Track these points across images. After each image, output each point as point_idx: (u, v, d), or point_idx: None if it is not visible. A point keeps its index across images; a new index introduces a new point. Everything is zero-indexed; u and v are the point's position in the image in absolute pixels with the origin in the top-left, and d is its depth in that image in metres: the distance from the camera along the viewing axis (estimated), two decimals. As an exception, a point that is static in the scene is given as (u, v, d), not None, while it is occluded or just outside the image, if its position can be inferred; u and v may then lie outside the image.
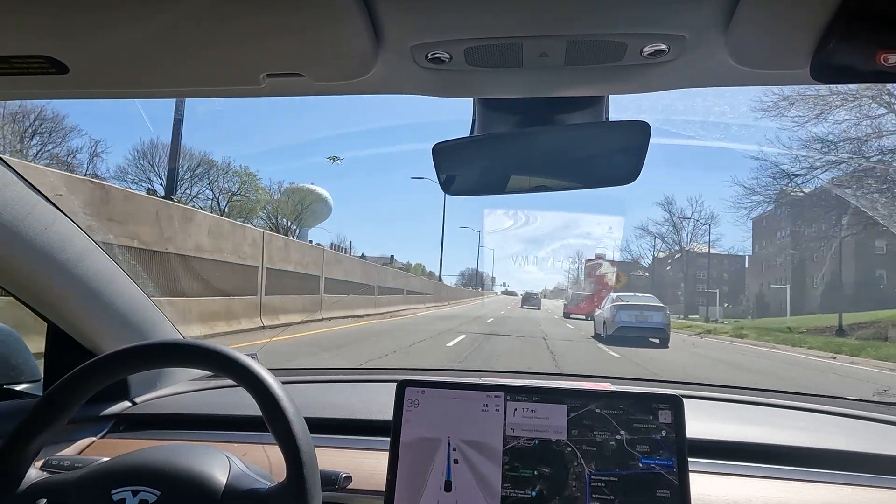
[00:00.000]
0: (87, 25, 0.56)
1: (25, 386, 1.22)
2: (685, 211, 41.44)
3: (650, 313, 12.88)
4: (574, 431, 0.84)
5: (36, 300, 1.10)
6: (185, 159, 29.94)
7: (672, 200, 46.15)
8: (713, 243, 41.36)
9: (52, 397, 0.74)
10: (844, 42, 0.54)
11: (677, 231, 41.94)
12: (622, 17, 0.56)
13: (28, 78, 0.67)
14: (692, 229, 40.86)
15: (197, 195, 31.40)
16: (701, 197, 69.67)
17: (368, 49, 0.60)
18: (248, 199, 33.42)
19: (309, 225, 47.92)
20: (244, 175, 33.44)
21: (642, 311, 12.87)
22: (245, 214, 32.63)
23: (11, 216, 0.94)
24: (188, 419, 1.23)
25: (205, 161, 30.97)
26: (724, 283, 44.72)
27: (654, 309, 13.13)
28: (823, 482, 0.96)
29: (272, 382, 0.72)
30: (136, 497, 0.71)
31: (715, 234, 48.55)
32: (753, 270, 44.02)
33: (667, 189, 51.00)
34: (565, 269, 58.79)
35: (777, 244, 39.05)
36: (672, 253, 44.94)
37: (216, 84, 0.70)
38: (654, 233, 44.02)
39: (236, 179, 33.04)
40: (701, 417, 1.09)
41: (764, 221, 42.18)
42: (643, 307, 13.07)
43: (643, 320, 12.67)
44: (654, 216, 58.47)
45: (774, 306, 37.32)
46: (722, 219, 75.16)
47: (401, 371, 1.47)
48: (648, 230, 45.11)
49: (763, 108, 17.39)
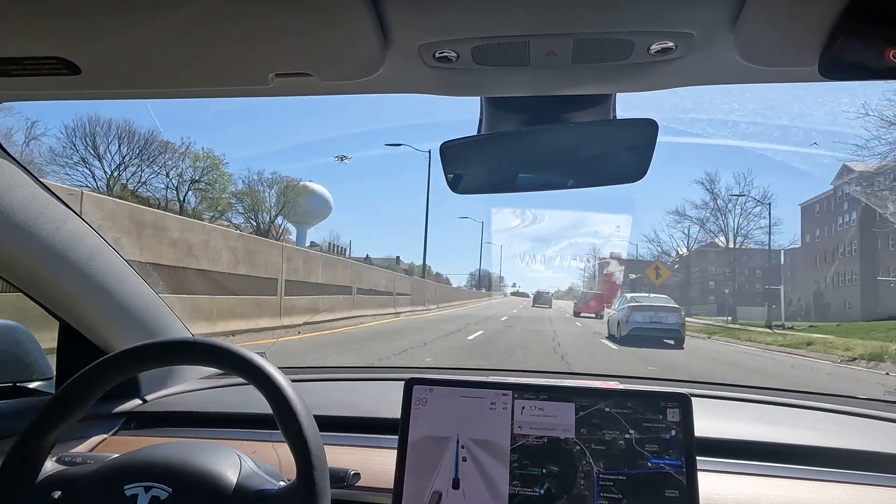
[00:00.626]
0: (99, 27, 0.57)
1: (38, 384, 1.23)
2: (727, 191, 34.19)
3: (665, 315, 12.67)
4: (583, 430, 0.84)
5: (48, 298, 1.11)
6: (134, 140, 26.41)
7: (715, 178, 38.21)
8: (746, 234, 34.15)
9: (67, 393, 0.75)
10: (853, 39, 0.53)
11: (723, 214, 34.27)
12: (630, 15, 0.56)
13: (41, 79, 0.68)
14: (741, 211, 33.77)
15: (147, 181, 27.35)
16: (750, 173, 51.54)
17: (376, 48, 0.60)
18: (213, 188, 29.23)
19: (306, 224, 45.16)
20: (206, 159, 28.69)
21: (657, 312, 12.66)
22: (214, 206, 29.53)
23: (25, 215, 0.95)
24: (198, 417, 1.24)
25: (160, 143, 27.09)
26: (756, 281, 39.26)
27: (668, 310, 12.93)
28: (833, 481, 0.95)
29: (282, 381, 0.72)
30: (149, 493, 0.72)
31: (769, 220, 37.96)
32: (806, 264, 38.72)
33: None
34: (580, 268, 55.43)
35: (837, 232, 33.88)
36: (710, 244, 37.71)
37: (226, 84, 0.71)
38: (693, 217, 36.05)
39: (200, 166, 28.51)
40: (709, 416, 1.08)
41: (817, 207, 37.07)
42: (658, 308, 12.86)
43: (658, 322, 12.46)
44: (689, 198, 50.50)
45: (837, 307, 33.27)
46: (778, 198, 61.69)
47: (409, 369, 1.48)
48: (685, 214, 36.72)
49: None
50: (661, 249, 38.14)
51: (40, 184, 0.99)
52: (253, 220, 32.04)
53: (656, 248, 38.74)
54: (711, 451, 1.00)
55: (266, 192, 32.86)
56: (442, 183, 0.90)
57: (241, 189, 31.25)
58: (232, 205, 31.48)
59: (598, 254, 47.99)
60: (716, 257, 39.73)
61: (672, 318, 12.69)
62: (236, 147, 55.66)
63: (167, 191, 28.16)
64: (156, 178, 27.81)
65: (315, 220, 46.52)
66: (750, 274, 39.87)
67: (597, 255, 48.46)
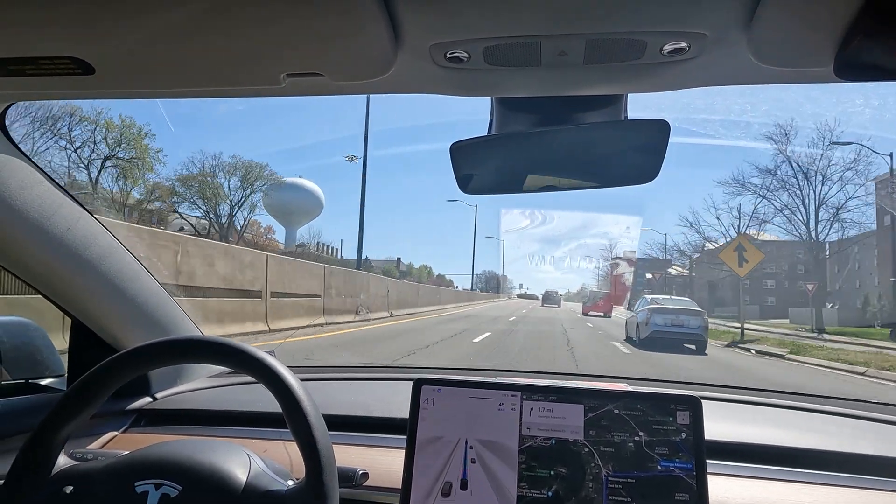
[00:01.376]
0: (113, 27, 0.58)
1: (50, 380, 1.25)
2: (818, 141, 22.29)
3: (686, 318, 11.92)
4: (591, 432, 0.84)
5: (61, 296, 1.12)
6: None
7: (791, 128, 24.73)
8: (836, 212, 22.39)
9: (79, 390, 0.76)
10: (870, 39, 0.53)
11: (805, 179, 22.46)
12: (643, 16, 0.55)
13: (55, 79, 0.68)
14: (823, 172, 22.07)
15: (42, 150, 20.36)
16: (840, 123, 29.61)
17: (388, 49, 0.60)
18: (132, 164, 23.69)
19: (294, 224, 41.80)
20: (125, 128, 23.05)
21: (678, 315, 11.92)
22: (147, 194, 24.77)
23: (38, 214, 0.97)
24: (208, 415, 1.25)
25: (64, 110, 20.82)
26: (798, 277, 30.45)
27: (690, 313, 12.17)
28: (844, 486, 0.94)
29: (292, 380, 0.73)
30: (159, 490, 0.72)
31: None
32: (883, 254, 27.72)
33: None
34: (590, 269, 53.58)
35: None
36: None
37: (238, 84, 0.71)
38: (755, 188, 24.17)
39: (118, 138, 22.70)
40: (719, 419, 1.07)
41: None
42: (679, 311, 12.13)
43: (679, 325, 11.75)
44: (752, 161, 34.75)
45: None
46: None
47: (417, 369, 1.48)
48: (745, 184, 24.51)
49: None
50: (704, 236, 28.73)
51: (53, 182, 1.00)
52: (208, 214, 27.45)
53: (695, 237, 29.44)
54: (721, 455, 0.99)
55: (226, 179, 27.41)
56: (450, 183, 0.90)
57: (190, 174, 26.41)
58: (175, 192, 26.62)
59: (613, 252, 45.74)
60: (781, 247, 30.62)
61: (694, 322, 11.88)
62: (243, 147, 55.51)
63: (68, 166, 22.36)
64: (62, 154, 21.96)
65: (304, 218, 43.21)
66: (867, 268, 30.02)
67: (612, 251, 45.32)
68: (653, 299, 13.71)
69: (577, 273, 74.35)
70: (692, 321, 11.93)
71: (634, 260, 39.10)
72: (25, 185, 0.94)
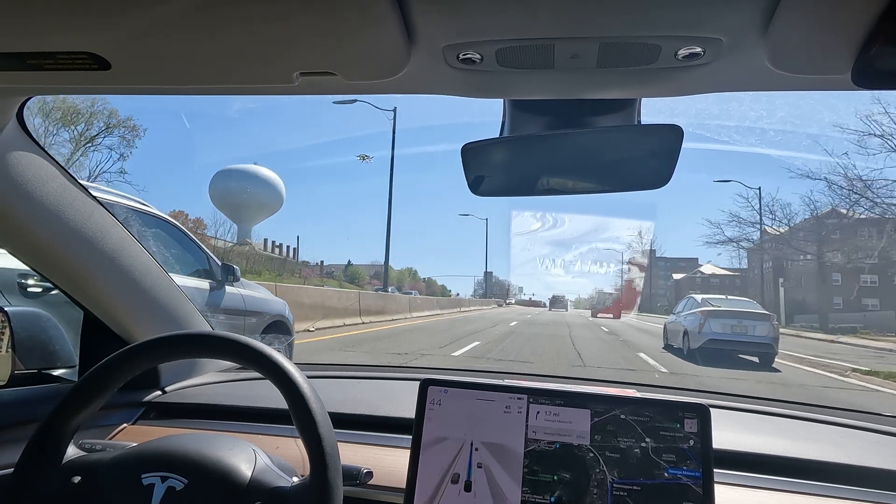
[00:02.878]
0: (130, 23, 0.58)
1: (62, 371, 1.26)
2: None
3: (752, 323, 9.59)
4: (597, 437, 0.83)
5: (74, 288, 1.14)
6: None
7: None
8: None
9: (89, 381, 0.77)
10: (889, 46, 0.52)
11: None
12: (657, 20, 0.55)
13: (72, 73, 0.69)
14: None
15: None
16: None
17: (401, 49, 0.60)
18: None
19: (248, 220, 34.68)
20: None
21: (741, 319, 9.65)
22: None
23: (55, 208, 0.98)
24: (216, 409, 1.26)
25: None
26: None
27: (756, 317, 9.78)
28: (853, 499, 0.93)
29: (299, 378, 0.73)
30: (165, 483, 0.73)
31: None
32: None
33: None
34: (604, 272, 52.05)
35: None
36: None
37: (252, 82, 0.71)
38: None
39: None
40: (727, 428, 1.06)
41: None
42: (742, 314, 9.80)
43: (742, 332, 9.53)
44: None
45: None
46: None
47: (424, 370, 1.48)
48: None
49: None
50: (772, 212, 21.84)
51: (69, 176, 1.01)
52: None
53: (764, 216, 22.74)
54: (729, 464, 0.98)
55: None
56: (455, 185, 0.89)
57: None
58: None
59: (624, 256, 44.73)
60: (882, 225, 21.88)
61: (761, 329, 9.51)
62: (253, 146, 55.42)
63: None
64: None
65: (258, 213, 35.58)
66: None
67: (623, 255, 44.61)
68: (704, 300, 11.10)
69: (588, 277, 73.82)
70: (759, 327, 9.60)
71: (645, 265, 38.47)
72: (43, 178, 0.96)
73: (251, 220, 36.15)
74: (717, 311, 9.97)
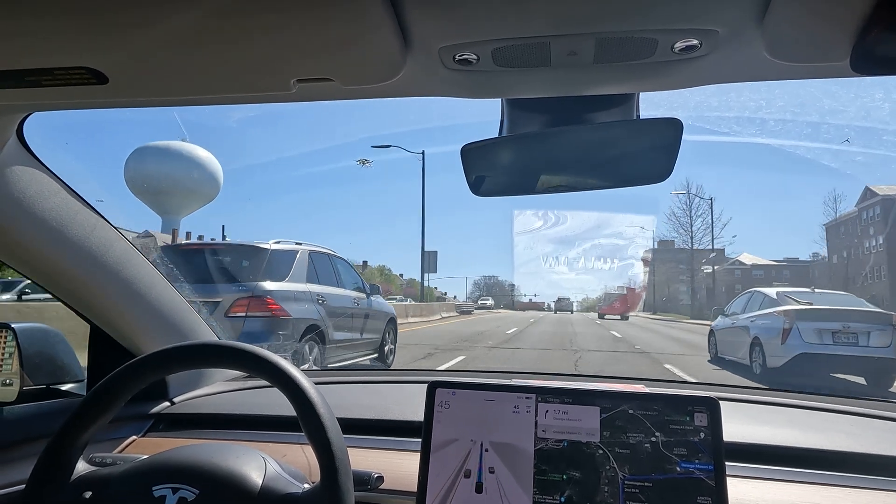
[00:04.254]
0: (126, 37, 0.58)
1: (70, 386, 1.26)
2: None
3: (864, 327, 6.59)
4: (606, 433, 0.83)
5: (79, 302, 1.14)
6: None
7: None
8: None
9: (98, 395, 0.77)
10: (887, 31, 0.51)
11: None
12: (653, 14, 0.55)
13: (70, 89, 0.69)
14: None
15: None
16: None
17: (397, 52, 0.60)
18: None
19: (174, 212, 27.51)
20: None
21: (846, 321, 6.64)
22: None
23: (57, 223, 0.98)
24: (225, 419, 1.26)
25: None
26: None
27: (870, 318, 6.78)
28: (867, 488, 0.92)
29: (306, 384, 0.73)
30: (176, 495, 0.73)
31: None
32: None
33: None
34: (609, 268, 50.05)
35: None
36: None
37: (249, 90, 0.71)
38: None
39: None
40: (737, 420, 1.06)
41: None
42: (850, 315, 6.79)
43: (850, 341, 6.58)
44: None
45: None
46: None
47: (431, 372, 1.48)
48: None
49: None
50: None
51: (71, 191, 1.02)
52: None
53: None
54: (739, 457, 0.98)
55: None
56: (454, 185, 0.90)
57: None
58: None
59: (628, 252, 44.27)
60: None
61: (878, 337, 6.51)
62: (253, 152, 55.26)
63: None
64: None
65: (188, 201, 27.91)
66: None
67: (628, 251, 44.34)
68: (782, 295, 7.70)
69: (592, 273, 73.49)
70: (875, 335, 6.57)
71: (649, 260, 38.07)
72: (44, 193, 0.96)
73: (178, 210, 28.99)
74: (811, 312, 6.94)
